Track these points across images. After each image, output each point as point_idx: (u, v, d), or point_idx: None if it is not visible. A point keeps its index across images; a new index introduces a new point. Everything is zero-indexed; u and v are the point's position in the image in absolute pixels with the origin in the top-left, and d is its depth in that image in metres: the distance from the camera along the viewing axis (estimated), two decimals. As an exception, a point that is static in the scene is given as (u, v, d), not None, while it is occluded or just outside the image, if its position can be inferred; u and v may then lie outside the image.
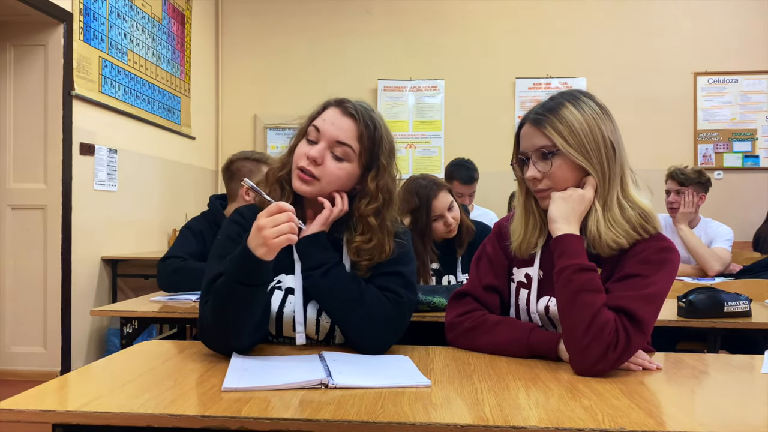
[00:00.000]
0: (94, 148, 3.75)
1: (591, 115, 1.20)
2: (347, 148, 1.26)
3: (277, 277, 1.28)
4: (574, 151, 1.19)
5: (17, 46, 3.51)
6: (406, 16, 5.45)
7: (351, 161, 1.27)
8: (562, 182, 1.22)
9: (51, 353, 3.48)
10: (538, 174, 1.22)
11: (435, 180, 2.18)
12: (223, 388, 0.93)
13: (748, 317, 1.82)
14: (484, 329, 1.26)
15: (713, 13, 5.21)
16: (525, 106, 5.29)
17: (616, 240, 1.17)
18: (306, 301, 1.27)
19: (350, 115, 1.28)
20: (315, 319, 1.26)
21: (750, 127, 5.20)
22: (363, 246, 1.26)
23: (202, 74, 5.37)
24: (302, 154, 1.26)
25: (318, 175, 1.24)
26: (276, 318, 1.26)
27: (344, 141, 1.25)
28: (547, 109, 1.22)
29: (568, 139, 1.19)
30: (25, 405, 0.85)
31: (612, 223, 1.18)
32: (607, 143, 1.20)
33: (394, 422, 0.80)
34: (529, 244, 1.30)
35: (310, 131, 1.28)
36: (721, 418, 0.88)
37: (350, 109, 1.29)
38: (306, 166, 1.24)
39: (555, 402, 0.90)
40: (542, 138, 1.21)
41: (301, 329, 1.25)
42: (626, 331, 1.07)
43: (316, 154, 1.24)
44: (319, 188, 1.26)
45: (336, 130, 1.26)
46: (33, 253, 3.49)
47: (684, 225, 3.05)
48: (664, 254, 1.17)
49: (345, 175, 1.27)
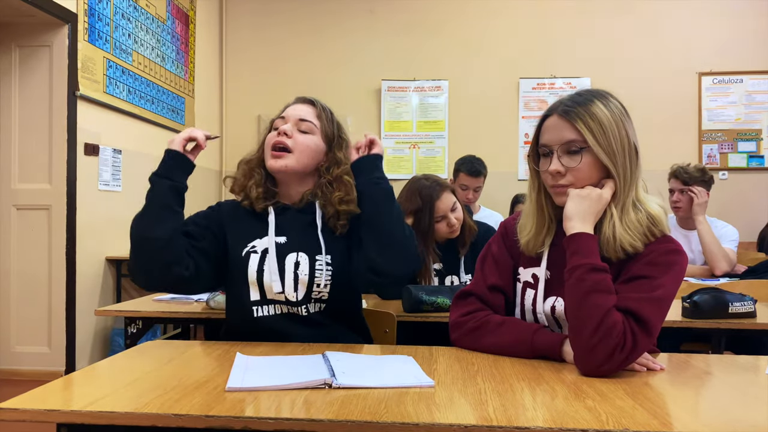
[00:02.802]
0: (98, 148, 3.76)
1: (619, 115, 1.19)
2: (310, 123, 1.46)
3: (251, 243, 1.41)
4: (602, 151, 1.17)
5: (22, 46, 3.52)
6: (410, 16, 5.45)
7: (315, 134, 1.46)
8: (584, 180, 1.20)
9: (55, 353, 3.49)
10: (562, 168, 1.19)
11: (438, 180, 2.17)
12: (227, 388, 0.93)
13: (753, 318, 1.82)
14: (487, 329, 1.25)
15: (718, 12, 5.20)
16: (529, 106, 5.29)
17: (632, 243, 1.16)
18: (282, 257, 1.38)
19: (308, 102, 1.51)
20: (293, 272, 1.37)
21: (755, 127, 5.18)
22: (345, 198, 1.41)
23: (206, 75, 5.38)
24: (272, 137, 1.44)
25: (291, 146, 1.41)
26: (257, 279, 1.37)
27: (306, 118, 1.46)
28: (578, 103, 1.20)
29: (599, 137, 1.17)
30: (30, 404, 0.85)
31: (629, 226, 1.17)
32: (631, 146, 1.19)
33: (398, 422, 0.80)
34: (537, 241, 1.28)
35: (277, 122, 1.48)
36: (725, 419, 0.87)
37: (308, 98, 1.52)
38: (279, 139, 1.41)
39: (559, 402, 0.90)
40: (572, 132, 1.18)
41: (276, 278, 1.36)
42: (633, 332, 1.07)
43: (287, 128, 1.42)
44: (294, 160, 1.42)
45: (298, 111, 1.47)
46: (38, 253, 3.51)
47: (702, 217, 2.98)
48: (672, 256, 1.17)
49: (313, 145, 1.45)
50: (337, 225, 1.42)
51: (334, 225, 1.42)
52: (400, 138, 5.41)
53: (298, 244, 1.40)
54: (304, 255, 1.38)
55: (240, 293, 1.40)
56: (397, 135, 5.40)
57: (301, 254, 1.39)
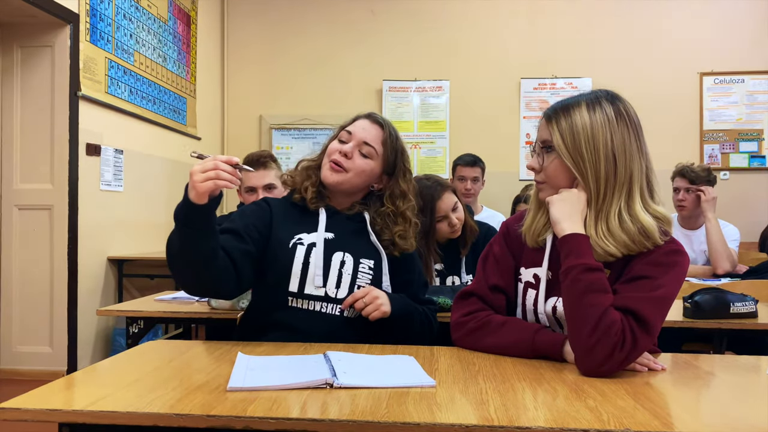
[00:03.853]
0: (100, 148, 3.76)
1: (602, 121, 1.18)
2: (371, 148, 1.51)
3: (298, 235, 1.45)
4: (566, 153, 1.19)
5: (24, 47, 3.53)
6: (411, 17, 5.45)
7: (374, 160, 1.51)
8: (554, 179, 1.23)
9: (57, 353, 3.49)
10: (536, 165, 1.26)
11: (439, 180, 2.17)
12: (229, 388, 0.93)
13: (755, 318, 1.82)
14: (489, 330, 1.26)
15: (719, 12, 5.19)
16: (530, 106, 5.28)
17: (605, 249, 1.16)
18: (329, 254, 1.43)
19: (378, 124, 1.54)
20: (338, 270, 1.43)
21: (756, 127, 5.18)
22: (404, 234, 1.50)
23: (208, 75, 5.38)
24: (334, 150, 1.50)
25: (347, 167, 1.48)
26: (301, 271, 1.40)
27: (370, 143, 1.51)
28: (562, 106, 1.23)
29: (566, 139, 1.19)
30: (32, 404, 0.85)
31: (605, 234, 1.16)
32: (608, 153, 1.16)
33: (399, 422, 0.80)
34: (536, 230, 1.30)
35: (342, 134, 1.53)
36: (726, 419, 0.87)
37: (378, 119, 1.55)
38: (338, 158, 1.48)
39: (560, 402, 0.90)
40: (546, 132, 1.23)
41: (320, 272, 1.41)
42: (633, 332, 1.07)
43: (348, 149, 1.48)
44: (346, 178, 1.48)
45: (365, 133, 1.51)
46: (39, 253, 3.51)
47: (712, 214, 2.97)
48: (674, 257, 1.17)
49: (368, 169, 1.51)
50: (389, 247, 1.50)
51: (386, 246, 1.50)
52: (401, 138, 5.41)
53: (346, 244, 1.47)
54: (350, 256, 1.45)
55: (278, 282, 1.41)
56: (398, 135, 5.40)
57: (347, 255, 1.45)
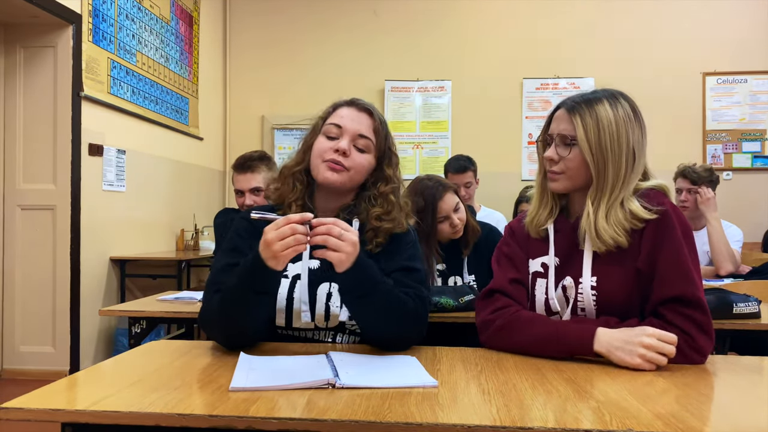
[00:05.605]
0: (102, 148, 3.77)
1: (623, 117, 1.24)
2: (368, 140, 1.37)
3: None
4: (587, 147, 1.23)
5: (27, 47, 3.54)
6: (413, 17, 5.45)
7: (370, 152, 1.39)
8: (575, 171, 1.27)
9: (60, 353, 3.50)
10: (555, 156, 1.28)
11: (441, 181, 2.17)
12: (231, 388, 0.93)
13: (758, 319, 1.81)
14: (518, 326, 1.23)
15: (722, 12, 5.19)
16: (533, 106, 5.28)
17: (614, 237, 1.22)
18: (314, 285, 1.30)
19: (366, 111, 1.40)
20: (324, 303, 1.29)
21: (759, 127, 5.17)
22: (383, 215, 1.35)
23: (210, 75, 5.39)
24: (327, 149, 1.34)
25: (348, 165, 1.34)
26: (286, 306, 1.30)
27: (365, 134, 1.37)
28: (585, 100, 1.27)
29: (590, 135, 1.23)
30: (35, 404, 0.85)
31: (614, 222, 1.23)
32: (630, 150, 1.24)
33: (401, 422, 0.80)
34: (539, 220, 1.35)
35: (329, 129, 1.37)
36: (729, 419, 0.87)
37: (365, 106, 1.41)
38: (336, 157, 1.33)
39: (562, 402, 0.90)
40: (569, 125, 1.26)
41: (306, 308, 1.28)
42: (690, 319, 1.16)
43: (344, 146, 1.33)
44: (348, 177, 1.35)
45: (357, 125, 1.37)
46: (42, 254, 3.52)
47: (714, 216, 2.95)
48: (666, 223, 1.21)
49: (368, 165, 1.39)
50: (374, 241, 1.34)
51: (370, 240, 1.34)
52: (403, 138, 5.41)
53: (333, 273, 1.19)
54: (336, 286, 1.29)
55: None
56: (400, 135, 5.40)
57: (334, 286, 1.30)
